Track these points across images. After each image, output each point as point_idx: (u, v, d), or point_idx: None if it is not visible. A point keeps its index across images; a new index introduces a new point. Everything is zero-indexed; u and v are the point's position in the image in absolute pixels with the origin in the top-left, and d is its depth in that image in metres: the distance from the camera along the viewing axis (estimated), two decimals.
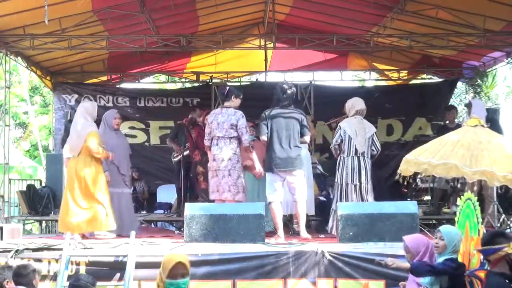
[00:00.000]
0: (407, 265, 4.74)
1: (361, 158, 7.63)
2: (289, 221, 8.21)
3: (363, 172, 7.60)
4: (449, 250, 4.80)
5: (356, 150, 7.62)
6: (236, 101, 7.49)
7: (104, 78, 13.35)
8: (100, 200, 7.39)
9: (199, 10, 10.69)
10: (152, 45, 11.00)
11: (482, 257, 4.63)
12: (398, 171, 5.33)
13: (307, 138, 7.43)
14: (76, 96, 12.55)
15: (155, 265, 5.18)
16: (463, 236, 4.91)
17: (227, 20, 11.61)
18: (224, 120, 7.34)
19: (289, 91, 7.38)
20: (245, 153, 7.65)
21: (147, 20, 10.17)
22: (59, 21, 9.65)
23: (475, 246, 4.73)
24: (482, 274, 4.48)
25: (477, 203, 4.89)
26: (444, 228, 4.95)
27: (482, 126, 5.12)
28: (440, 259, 4.78)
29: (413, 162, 5.10)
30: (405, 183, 5.61)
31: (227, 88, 7.60)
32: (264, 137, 7.27)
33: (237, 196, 7.33)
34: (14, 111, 18.11)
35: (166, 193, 11.47)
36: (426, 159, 4.97)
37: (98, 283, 5.38)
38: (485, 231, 4.82)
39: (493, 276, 4.33)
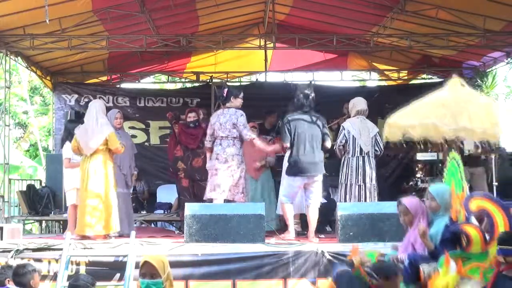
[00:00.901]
0: (431, 247, 4.70)
1: (365, 158, 7.63)
2: None
3: (368, 172, 7.60)
4: (443, 208, 4.86)
5: (361, 150, 7.63)
6: (236, 101, 7.54)
7: (104, 78, 13.35)
8: (112, 199, 7.38)
9: (199, 10, 10.69)
10: (152, 45, 10.99)
11: (467, 214, 4.61)
12: (384, 137, 5.34)
13: (328, 143, 7.45)
14: (76, 96, 12.54)
15: None
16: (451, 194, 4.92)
17: (227, 20, 11.60)
18: (226, 120, 7.42)
19: (311, 96, 7.46)
20: (253, 154, 7.69)
21: (147, 20, 10.17)
22: (59, 21, 9.64)
23: (460, 202, 4.72)
24: (467, 228, 4.45)
25: (460, 161, 4.89)
26: (433, 189, 5.02)
27: (463, 85, 5.12)
28: (439, 221, 4.79)
29: (395, 126, 5.10)
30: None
31: (226, 89, 7.64)
32: (287, 144, 7.32)
33: (236, 197, 7.38)
34: (13, 110, 18.08)
35: (166, 193, 11.46)
36: (405, 122, 4.97)
37: (98, 283, 5.38)
38: (468, 190, 4.82)
39: (505, 281, 4.26)
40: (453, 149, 5.04)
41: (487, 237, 4.49)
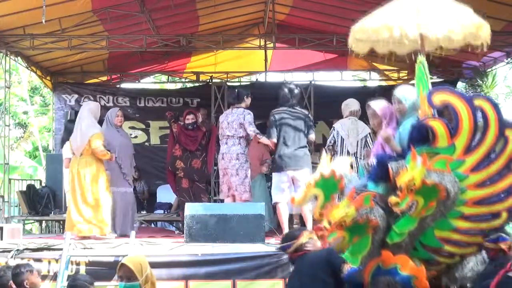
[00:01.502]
0: (398, 150, 4.68)
1: (353, 159, 7.63)
2: (289, 220, 8.21)
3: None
4: (410, 109, 4.92)
5: (348, 151, 7.64)
6: (248, 100, 7.77)
7: (104, 78, 13.36)
8: (102, 202, 7.38)
9: (199, 10, 10.69)
10: (152, 45, 11.00)
11: (435, 111, 4.60)
12: (351, 48, 5.35)
13: (312, 137, 7.51)
14: (76, 96, 12.54)
15: (155, 265, 5.18)
16: (418, 96, 4.91)
17: (227, 20, 11.61)
18: (234, 119, 7.57)
19: (296, 91, 7.54)
20: (254, 154, 7.78)
21: (147, 20, 10.17)
22: (59, 21, 9.65)
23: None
24: (431, 122, 4.41)
25: (426, 64, 4.90)
26: (399, 92, 5.06)
27: None
28: (407, 123, 4.80)
29: (360, 32, 5.11)
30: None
31: (236, 91, 7.87)
32: (274, 140, 7.36)
33: (244, 195, 7.50)
34: (13, 110, 18.10)
35: (166, 193, 11.45)
36: (371, 25, 4.99)
37: (98, 283, 5.38)
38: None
39: (509, 282, 4.21)
40: (420, 55, 5.06)
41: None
